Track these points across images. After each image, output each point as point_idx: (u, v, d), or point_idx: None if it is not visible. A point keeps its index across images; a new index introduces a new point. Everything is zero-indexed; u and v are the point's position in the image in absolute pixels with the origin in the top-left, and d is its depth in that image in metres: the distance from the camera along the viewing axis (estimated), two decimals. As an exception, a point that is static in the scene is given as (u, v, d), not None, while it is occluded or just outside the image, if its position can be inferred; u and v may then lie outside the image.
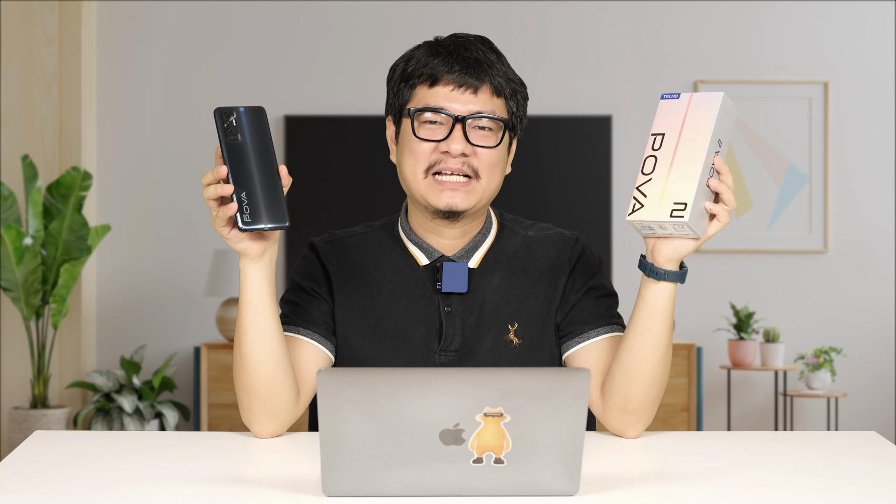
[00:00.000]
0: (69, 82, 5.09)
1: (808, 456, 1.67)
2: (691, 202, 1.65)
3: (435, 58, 1.83)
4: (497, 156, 1.84)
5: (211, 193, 1.65)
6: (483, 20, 5.26)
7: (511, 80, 1.86)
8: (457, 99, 1.81)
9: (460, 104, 1.81)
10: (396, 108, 1.87)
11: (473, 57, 1.82)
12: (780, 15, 5.32)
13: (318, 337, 1.87)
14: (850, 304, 5.30)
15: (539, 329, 1.88)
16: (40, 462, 1.58)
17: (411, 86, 1.84)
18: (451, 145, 1.80)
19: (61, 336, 5.07)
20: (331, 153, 5.21)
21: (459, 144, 1.80)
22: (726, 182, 1.70)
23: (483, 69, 1.82)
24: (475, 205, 1.84)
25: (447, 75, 1.82)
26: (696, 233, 1.68)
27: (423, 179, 1.83)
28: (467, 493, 1.34)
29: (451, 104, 1.81)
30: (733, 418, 5.27)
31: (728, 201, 1.70)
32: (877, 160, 5.31)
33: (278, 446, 1.73)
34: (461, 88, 1.82)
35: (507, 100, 1.85)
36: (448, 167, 1.81)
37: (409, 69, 1.85)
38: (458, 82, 1.81)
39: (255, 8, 5.28)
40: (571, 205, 5.23)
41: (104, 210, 5.26)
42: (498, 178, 1.86)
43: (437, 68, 1.82)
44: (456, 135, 1.81)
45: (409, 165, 1.84)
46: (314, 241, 1.95)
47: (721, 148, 1.70)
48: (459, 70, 1.82)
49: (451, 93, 1.82)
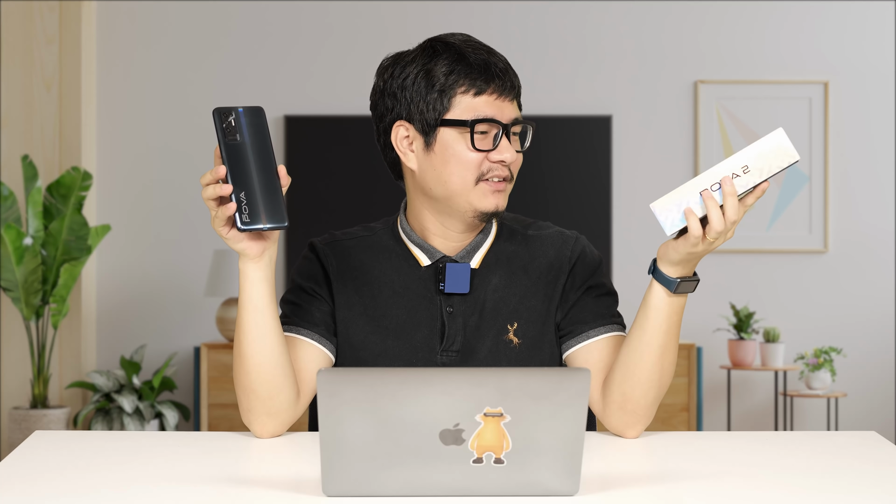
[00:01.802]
0: (69, 82, 5.09)
1: (808, 456, 1.67)
2: (666, 195, 1.68)
3: (468, 66, 1.82)
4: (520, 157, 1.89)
5: (210, 193, 1.65)
6: (483, 20, 5.26)
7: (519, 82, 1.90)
8: (501, 107, 1.83)
9: (506, 112, 1.84)
10: (429, 118, 1.83)
11: (502, 63, 1.85)
12: (780, 15, 5.32)
13: (319, 337, 1.87)
14: (850, 304, 5.30)
15: (539, 328, 1.89)
16: (40, 462, 1.58)
17: (450, 96, 1.82)
18: (506, 154, 1.83)
19: (61, 336, 5.07)
20: (331, 153, 5.21)
21: (510, 154, 1.83)
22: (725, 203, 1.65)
23: (511, 75, 1.85)
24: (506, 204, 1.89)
25: (491, 83, 1.83)
26: (663, 227, 1.69)
27: (475, 187, 1.84)
28: (467, 493, 1.34)
29: (501, 112, 1.83)
30: (733, 418, 5.27)
31: (712, 221, 1.65)
32: (877, 160, 5.31)
33: (278, 446, 1.73)
34: (502, 97, 1.84)
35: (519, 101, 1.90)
36: (498, 174, 1.84)
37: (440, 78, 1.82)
38: (500, 91, 1.83)
39: (255, 8, 5.28)
40: (571, 205, 5.23)
41: (104, 210, 5.26)
42: None
43: (478, 77, 1.82)
44: (509, 144, 1.84)
45: (458, 174, 1.83)
46: (314, 241, 1.95)
47: (746, 176, 1.66)
48: (499, 77, 1.83)
49: (495, 101, 1.83)
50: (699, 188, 1.67)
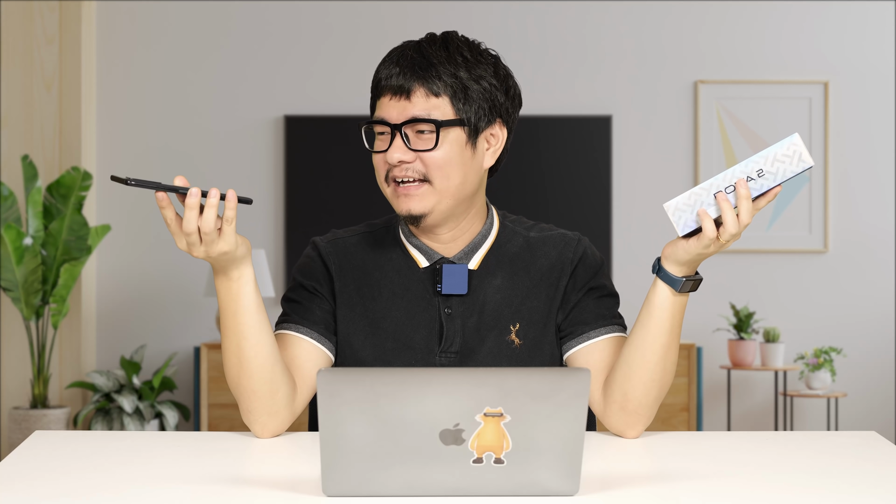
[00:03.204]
0: (69, 82, 5.09)
1: (808, 456, 1.67)
2: (678, 196, 1.69)
3: (383, 67, 1.85)
4: (443, 156, 1.82)
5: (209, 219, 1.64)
6: (483, 20, 5.26)
7: (458, 77, 1.82)
8: (394, 107, 1.82)
9: (397, 111, 1.82)
10: None
11: (409, 62, 1.82)
12: (780, 15, 5.32)
13: (318, 336, 1.87)
14: (850, 304, 5.30)
15: (540, 329, 1.88)
16: (40, 462, 1.58)
17: (373, 98, 1.88)
18: (390, 155, 1.82)
19: (61, 336, 5.07)
20: (331, 153, 5.21)
21: (398, 153, 1.81)
22: (739, 206, 1.67)
23: (416, 72, 1.81)
24: (433, 207, 1.83)
25: (384, 83, 1.83)
26: (676, 227, 1.70)
27: (388, 188, 1.85)
28: (467, 493, 1.34)
29: (390, 113, 1.82)
30: (733, 418, 5.27)
31: (726, 223, 1.67)
32: (877, 160, 5.31)
33: (278, 446, 1.73)
34: (396, 97, 1.82)
35: (452, 98, 1.82)
36: (397, 175, 1.83)
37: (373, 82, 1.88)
38: (393, 91, 1.82)
39: (255, 8, 5.28)
40: (571, 205, 5.23)
41: (104, 210, 5.26)
42: (457, 177, 1.83)
43: (379, 80, 1.85)
44: (395, 144, 1.81)
45: (377, 176, 1.87)
46: (316, 239, 1.95)
47: (760, 179, 1.67)
48: (395, 76, 1.82)
49: (389, 102, 1.83)
50: (714, 190, 1.68)
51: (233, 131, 5.24)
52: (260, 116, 5.27)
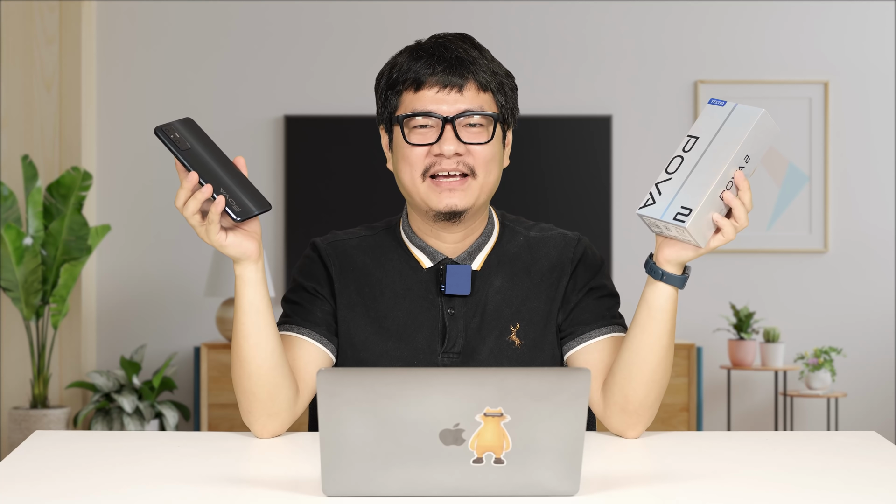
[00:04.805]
0: (69, 82, 5.09)
1: (808, 456, 1.66)
2: (697, 209, 1.65)
3: (417, 62, 1.83)
4: (491, 151, 1.84)
5: (192, 207, 1.64)
6: (483, 20, 5.26)
7: (496, 74, 1.85)
8: (443, 100, 1.81)
9: (448, 104, 1.81)
10: (386, 117, 1.88)
11: (454, 56, 1.82)
12: (780, 15, 5.32)
13: (319, 337, 1.87)
14: (850, 304, 5.30)
15: (541, 330, 1.88)
16: (40, 462, 1.58)
17: (398, 93, 1.85)
18: (444, 146, 1.80)
19: (61, 336, 5.07)
20: (331, 153, 5.21)
21: (452, 145, 1.81)
22: (742, 199, 1.68)
23: (465, 66, 1.82)
24: (474, 202, 1.84)
25: (430, 77, 1.82)
26: (697, 241, 1.68)
27: (422, 184, 1.83)
28: (467, 493, 1.34)
29: (439, 106, 1.81)
30: (733, 418, 5.27)
31: (738, 218, 1.68)
32: (877, 160, 5.31)
33: (278, 446, 1.73)
34: (446, 89, 1.82)
35: (495, 93, 1.85)
36: (444, 168, 1.82)
37: (393, 76, 1.85)
38: (443, 83, 1.82)
39: (255, 8, 5.28)
40: (571, 205, 5.23)
41: (104, 210, 5.26)
42: (495, 173, 1.86)
43: (420, 72, 1.82)
44: (447, 136, 1.81)
45: (406, 172, 1.84)
46: (316, 240, 1.95)
47: (748, 164, 1.67)
48: (442, 70, 1.82)
49: (436, 94, 1.82)
50: (717, 192, 1.66)
51: (233, 131, 5.24)
52: (260, 116, 5.27)
